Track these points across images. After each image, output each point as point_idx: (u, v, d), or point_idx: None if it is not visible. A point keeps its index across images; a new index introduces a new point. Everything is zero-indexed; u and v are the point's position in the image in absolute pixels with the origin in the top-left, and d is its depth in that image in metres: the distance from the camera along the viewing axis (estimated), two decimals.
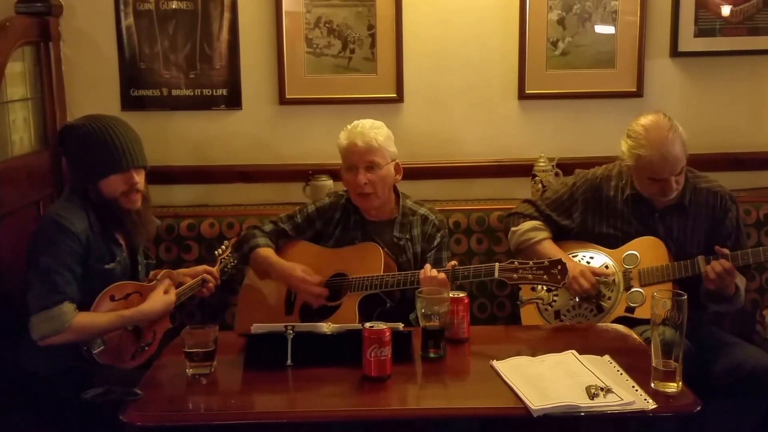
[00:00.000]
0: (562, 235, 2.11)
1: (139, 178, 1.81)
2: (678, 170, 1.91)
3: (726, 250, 1.87)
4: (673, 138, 1.89)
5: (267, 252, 2.06)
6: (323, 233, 2.11)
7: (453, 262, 1.88)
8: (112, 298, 1.77)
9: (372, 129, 2.00)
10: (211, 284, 1.98)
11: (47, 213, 1.79)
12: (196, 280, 1.94)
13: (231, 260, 2.09)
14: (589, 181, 2.09)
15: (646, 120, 1.94)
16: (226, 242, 2.14)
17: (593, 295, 1.96)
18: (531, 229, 2.07)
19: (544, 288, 1.99)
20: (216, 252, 2.09)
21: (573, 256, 2.04)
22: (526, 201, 2.19)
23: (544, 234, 2.07)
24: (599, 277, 1.96)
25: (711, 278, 1.85)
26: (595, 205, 2.07)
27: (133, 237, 1.87)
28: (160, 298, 1.81)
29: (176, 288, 1.89)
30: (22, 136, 2.21)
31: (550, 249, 2.01)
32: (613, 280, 1.98)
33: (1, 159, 2.06)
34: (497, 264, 1.81)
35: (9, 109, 2.14)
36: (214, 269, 2.01)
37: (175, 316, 1.92)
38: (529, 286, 2.03)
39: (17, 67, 2.21)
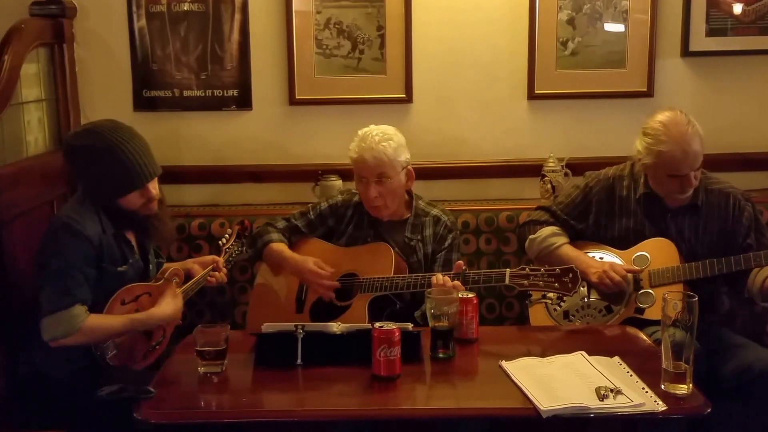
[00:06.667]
0: (574, 238, 2.10)
1: (154, 187, 1.82)
2: (697, 165, 1.91)
3: None
4: (693, 133, 1.89)
5: (280, 246, 2.07)
6: (335, 230, 2.12)
7: (460, 262, 1.88)
8: (123, 302, 1.79)
9: (381, 142, 1.97)
10: (218, 274, 1.98)
11: (59, 216, 1.80)
12: (203, 273, 1.95)
13: (236, 249, 2.09)
14: (602, 182, 2.08)
15: (663, 116, 1.93)
16: (229, 230, 2.13)
17: (624, 290, 1.91)
18: (551, 235, 2.05)
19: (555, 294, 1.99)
20: (220, 242, 2.10)
21: None
22: (539, 208, 2.16)
23: (564, 239, 2.05)
24: (629, 273, 1.92)
25: None
26: (608, 205, 2.06)
27: (154, 241, 1.89)
28: (170, 302, 1.83)
29: (185, 282, 1.91)
30: (36, 136, 2.24)
31: (572, 253, 1.99)
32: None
33: (16, 159, 2.09)
34: (508, 270, 1.81)
35: (24, 110, 2.16)
36: (220, 258, 2.02)
37: (186, 315, 1.94)
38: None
39: (32, 69, 2.23)
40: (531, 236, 2.09)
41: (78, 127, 2.16)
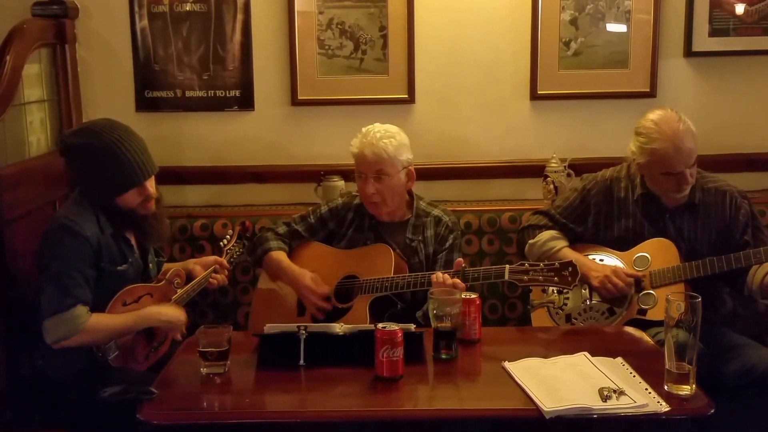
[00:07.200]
0: (573, 241, 2.09)
1: (152, 185, 1.82)
2: (692, 162, 1.91)
3: None
4: (685, 129, 1.90)
5: (279, 255, 2.08)
6: (336, 234, 2.12)
7: (459, 259, 1.88)
8: (124, 303, 1.79)
9: (382, 139, 1.98)
10: (219, 276, 1.98)
11: (57, 217, 1.80)
12: (204, 274, 1.95)
13: (237, 250, 2.09)
14: (599, 184, 2.08)
15: (654, 115, 1.94)
16: (230, 232, 2.13)
17: (627, 294, 1.91)
18: (550, 239, 2.05)
19: (555, 291, 1.98)
20: (221, 243, 2.10)
21: None
22: (537, 212, 2.16)
23: (563, 242, 2.05)
24: (632, 277, 1.92)
25: None
26: (607, 207, 2.06)
27: (151, 240, 1.89)
28: (173, 306, 1.84)
29: (186, 283, 1.91)
30: (39, 137, 2.24)
31: (572, 256, 1.98)
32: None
33: (18, 160, 2.09)
34: (507, 266, 1.81)
35: (26, 110, 2.17)
36: (223, 259, 2.01)
37: (188, 316, 1.94)
38: (540, 289, 2.02)
39: (34, 69, 2.24)
40: (530, 241, 2.08)
41: (75, 126, 2.17)
